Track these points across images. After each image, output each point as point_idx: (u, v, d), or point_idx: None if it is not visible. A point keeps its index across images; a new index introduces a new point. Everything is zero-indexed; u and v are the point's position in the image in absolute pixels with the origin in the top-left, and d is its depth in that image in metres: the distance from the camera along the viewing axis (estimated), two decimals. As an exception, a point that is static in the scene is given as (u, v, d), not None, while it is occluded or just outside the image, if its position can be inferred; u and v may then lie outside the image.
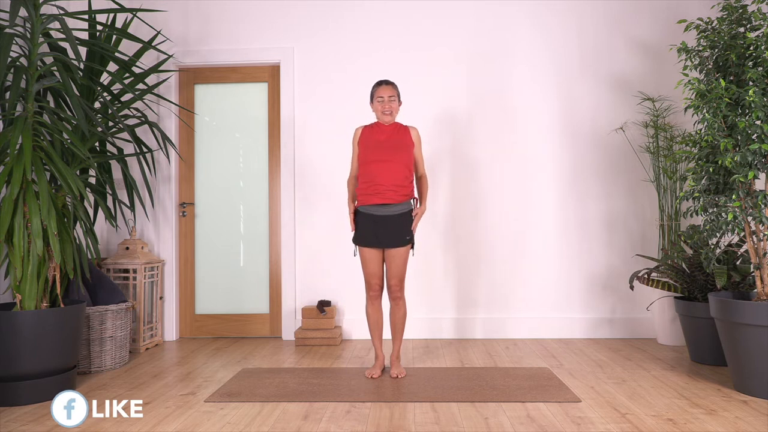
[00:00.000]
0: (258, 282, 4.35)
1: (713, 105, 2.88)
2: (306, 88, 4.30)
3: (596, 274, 4.17)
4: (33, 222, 2.83)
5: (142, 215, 4.29)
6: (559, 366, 3.35)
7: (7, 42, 2.81)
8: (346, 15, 4.30)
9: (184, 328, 4.35)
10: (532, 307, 4.18)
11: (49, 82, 3.14)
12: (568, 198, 4.20)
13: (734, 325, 2.77)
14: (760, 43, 2.82)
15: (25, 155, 2.82)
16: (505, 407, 2.62)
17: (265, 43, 4.32)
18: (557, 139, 4.22)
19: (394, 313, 3.21)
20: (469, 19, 4.26)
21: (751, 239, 2.90)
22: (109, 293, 3.52)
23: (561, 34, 4.24)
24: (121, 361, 3.48)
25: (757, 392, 2.71)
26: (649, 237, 4.16)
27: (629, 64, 4.21)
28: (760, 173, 2.94)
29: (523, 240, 4.20)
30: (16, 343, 2.73)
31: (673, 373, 3.17)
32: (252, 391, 2.88)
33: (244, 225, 4.37)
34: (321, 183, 4.27)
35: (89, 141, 3.35)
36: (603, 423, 2.40)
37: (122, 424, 2.46)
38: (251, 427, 2.40)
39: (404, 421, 2.45)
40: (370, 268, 3.14)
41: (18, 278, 2.87)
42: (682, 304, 3.40)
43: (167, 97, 4.26)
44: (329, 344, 4.01)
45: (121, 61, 3.53)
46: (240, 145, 4.38)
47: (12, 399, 2.73)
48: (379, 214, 3.08)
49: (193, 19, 4.35)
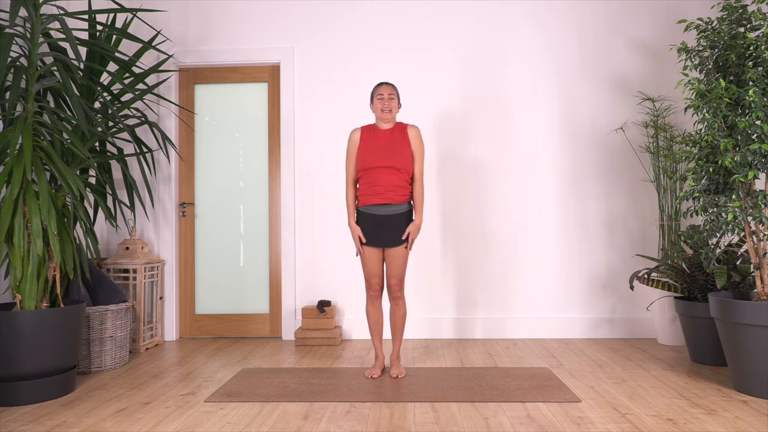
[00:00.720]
0: (258, 282, 4.35)
1: (713, 105, 2.88)
2: (306, 88, 4.30)
3: (596, 274, 4.17)
4: (33, 222, 2.83)
5: (142, 215, 4.30)
6: (559, 366, 3.35)
7: (7, 42, 2.81)
8: (346, 15, 4.30)
9: (184, 328, 4.35)
10: (532, 307, 4.18)
11: (49, 82, 3.14)
12: (568, 198, 4.20)
13: (734, 325, 2.77)
14: (760, 43, 2.82)
15: (25, 155, 2.82)
16: (505, 407, 2.62)
17: (265, 43, 4.32)
18: (557, 139, 4.22)
19: (394, 313, 3.21)
20: (469, 19, 4.26)
21: (751, 239, 2.91)
22: (109, 293, 3.52)
23: (561, 34, 4.24)
24: (121, 361, 3.48)
25: (757, 392, 2.71)
26: (649, 237, 4.16)
27: (629, 64, 4.21)
28: (760, 173, 2.95)
29: (523, 240, 4.20)
30: (16, 343, 2.74)
31: (673, 373, 3.17)
32: (252, 391, 2.88)
33: (244, 225, 4.37)
34: (321, 183, 4.27)
35: (89, 141, 3.36)
36: (603, 423, 2.40)
37: (122, 424, 2.46)
38: (251, 427, 2.40)
39: (404, 421, 2.45)
40: (371, 268, 3.15)
41: (18, 278, 2.87)
42: (682, 304, 3.40)
43: (167, 97, 4.26)
44: (329, 344, 4.01)
45: (121, 61, 3.53)
46: (240, 145, 4.38)
47: (12, 399, 2.73)
48: (380, 214, 3.09)
49: (193, 19, 4.35)
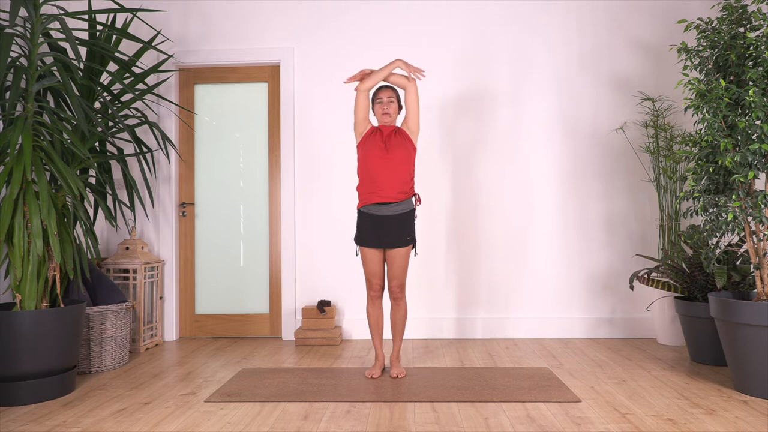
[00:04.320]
0: (258, 282, 4.35)
1: (713, 105, 2.88)
2: (306, 88, 4.30)
3: (596, 274, 4.17)
4: (33, 222, 2.83)
5: (142, 215, 4.30)
6: (559, 366, 3.35)
7: (7, 42, 2.81)
8: (346, 15, 4.30)
9: (184, 328, 4.35)
10: (532, 307, 4.18)
11: (49, 82, 3.14)
12: (568, 198, 4.20)
13: (734, 325, 2.77)
14: (760, 43, 2.82)
15: (25, 155, 2.82)
16: (505, 407, 2.62)
17: (265, 43, 4.32)
18: (557, 139, 4.22)
19: (394, 313, 3.21)
20: (470, 19, 4.26)
21: (751, 239, 2.91)
22: (109, 293, 3.52)
23: (561, 34, 4.24)
24: (121, 361, 3.48)
25: (757, 392, 2.71)
26: (649, 237, 4.16)
27: (629, 64, 4.21)
28: (760, 173, 2.95)
29: (524, 240, 4.20)
30: (16, 343, 2.74)
31: (673, 373, 3.17)
32: (252, 391, 2.88)
33: (244, 225, 4.37)
34: (321, 183, 4.27)
35: (89, 141, 3.36)
36: (603, 423, 2.40)
37: (122, 424, 2.46)
38: (251, 427, 2.40)
39: (404, 421, 2.45)
40: (371, 268, 3.15)
41: (18, 278, 2.87)
42: (682, 304, 3.40)
43: (167, 97, 4.26)
44: (329, 344, 4.01)
45: (121, 61, 3.53)
46: (240, 145, 4.38)
47: (12, 399, 2.73)
48: (380, 214, 3.09)
49: (193, 19, 4.35)
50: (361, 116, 3.17)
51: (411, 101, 3.16)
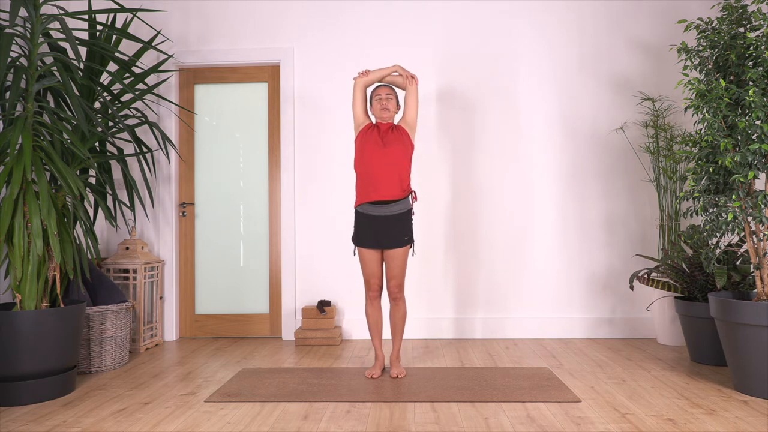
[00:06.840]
0: (258, 282, 4.35)
1: (713, 105, 2.88)
2: (306, 88, 4.30)
3: (596, 274, 4.17)
4: (33, 222, 2.83)
5: (142, 215, 4.30)
6: (559, 366, 3.35)
7: (7, 42, 2.81)
8: (346, 15, 4.30)
9: (184, 328, 4.35)
10: (532, 307, 4.18)
11: (49, 82, 3.14)
12: (568, 198, 4.20)
13: (734, 325, 2.77)
14: (760, 43, 2.82)
15: (25, 155, 2.82)
16: (505, 407, 2.62)
17: (265, 43, 4.32)
18: (557, 139, 4.22)
19: (393, 313, 3.21)
20: (470, 18, 4.26)
21: (751, 239, 2.91)
22: (109, 293, 3.52)
23: (561, 34, 4.24)
24: (121, 361, 3.48)
25: (757, 392, 2.71)
26: (649, 237, 4.16)
27: (629, 64, 4.21)
28: (760, 173, 2.95)
29: (523, 240, 4.20)
30: (16, 343, 2.74)
31: (673, 373, 3.17)
32: (252, 391, 2.88)
33: (244, 225, 4.37)
34: (321, 183, 4.27)
35: (89, 141, 3.36)
36: (603, 423, 2.40)
37: (122, 424, 2.46)
38: (251, 427, 2.40)
39: (404, 421, 2.45)
40: (369, 269, 3.15)
41: (18, 278, 2.87)
42: (682, 304, 3.40)
43: (167, 97, 4.26)
44: (329, 344, 4.01)
45: (121, 61, 3.53)
46: (240, 145, 4.38)
47: (12, 399, 2.73)
48: (377, 215, 3.08)
49: (193, 19, 4.35)
50: (358, 109, 3.21)
51: (411, 101, 3.21)
